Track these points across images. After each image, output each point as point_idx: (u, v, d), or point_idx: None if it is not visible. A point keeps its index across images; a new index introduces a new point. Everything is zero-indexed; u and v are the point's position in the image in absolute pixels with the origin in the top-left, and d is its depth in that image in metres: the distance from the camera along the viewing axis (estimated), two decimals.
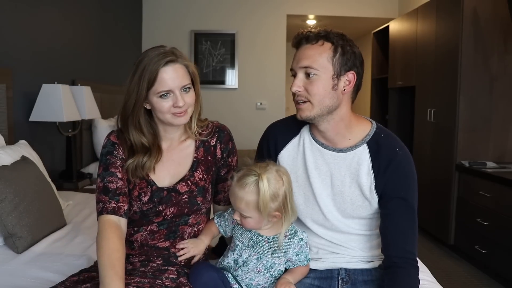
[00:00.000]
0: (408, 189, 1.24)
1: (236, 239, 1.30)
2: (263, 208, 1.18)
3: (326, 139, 1.29)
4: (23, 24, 2.51)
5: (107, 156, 1.28)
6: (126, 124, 1.28)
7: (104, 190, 1.24)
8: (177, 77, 1.21)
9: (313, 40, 1.21)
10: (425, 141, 3.68)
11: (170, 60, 1.20)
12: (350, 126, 1.27)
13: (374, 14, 5.09)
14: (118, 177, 1.25)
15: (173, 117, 1.24)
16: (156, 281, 1.17)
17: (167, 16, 4.98)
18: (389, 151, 1.24)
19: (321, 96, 1.20)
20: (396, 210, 1.23)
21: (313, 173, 1.29)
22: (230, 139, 1.38)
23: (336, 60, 1.20)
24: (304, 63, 1.19)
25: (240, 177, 1.21)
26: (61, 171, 2.85)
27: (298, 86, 1.21)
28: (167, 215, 1.27)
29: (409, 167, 1.25)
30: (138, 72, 1.21)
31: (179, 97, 1.22)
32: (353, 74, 1.23)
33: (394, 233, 1.22)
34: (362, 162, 1.25)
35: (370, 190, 1.25)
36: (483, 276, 2.89)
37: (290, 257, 1.27)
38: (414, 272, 1.22)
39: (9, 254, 1.66)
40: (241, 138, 4.64)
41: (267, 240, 1.26)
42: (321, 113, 1.21)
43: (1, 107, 2.23)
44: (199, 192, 1.29)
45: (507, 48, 3.09)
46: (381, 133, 1.28)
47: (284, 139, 1.35)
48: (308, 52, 1.20)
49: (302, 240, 1.27)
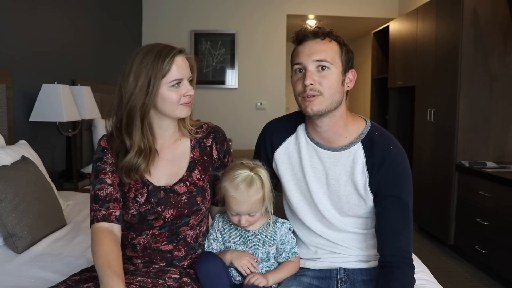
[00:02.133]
0: (402, 187, 1.24)
1: (227, 242, 1.32)
2: (267, 195, 1.25)
3: (323, 138, 1.29)
4: (23, 24, 2.51)
5: (97, 162, 1.29)
6: (128, 127, 1.23)
7: (95, 198, 1.24)
8: (186, 67, 1.26)
9: (321, 36, 1.22)
10: (425, 141, 3.68)
11: (180, 51, 1.24)
12: (346, 123, 1.28)
13: (374, 14, 5.10)
14: (107, 183, 1.25)
15: (182, 108, 1.25)
16: (159, 281, 1.16)
17: (167, 16, 4.98)
18: (383, 149, 1.25)
19: (333, 89, 1.21)
20: (390, 209, 1.23)
21: (309, 171, 1.30)
22: (225, 140, 1.38)
23: (342, 57, 1.23)
24: (318, 56, 1.20)
25: (238, 184, 1.22)
26: (61, 171, 2.86)
27: (312, 79, 1.20)
28: (167, 218, 1.26)
29: (403, 165, 1.26)
30: (141, 69, 1.19)
31: (188, 86, 1.25)
32: (354, 73, 1.27)
33: (388, 232, 1.23)
34: (357, 160, 1.26)
35: (364, 188, 1.25)
36: (483, 276, 2.89)
37: (278, 246, 1.30)
38: (409, 270, 1.22)
39: (9, 254, 1.65)
40: (241, 138, 4.65)
41: (255, 234, 1.29)
42: (331, 107, 1.22)
43: (1, 107, 2.23)
44: (198, 192, 1.29)
45: (507, 48, 3.09)
46: (375, 131, 1.29)
47: (280, 137, 1.36)
48: (320, 46, 1.21)
49: (285, 223, 1.32)
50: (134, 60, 1.22)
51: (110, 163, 1.28)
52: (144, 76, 1.19)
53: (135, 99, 1.20)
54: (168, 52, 1.21)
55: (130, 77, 1.21)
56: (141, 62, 1.20)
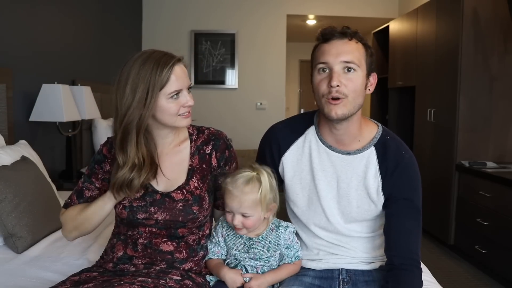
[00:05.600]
0: (414, 191, 1.25)
1: (231, 249, 1.31)
2: (263, 200, 1.21)
3: (337, 141, 1.27)
4: (23, 24, 2.51)
5: (95, 164, 1.32)
6: (122, 142, 1.18)
7: (79, 193, 1.32)
8: (185, 76, 1.21)
9: (349, 36, 1.18)
10: (425, 141, 3.68)
11: (178, 60, 1.20)
12: (361, 127, 1.27)
13: (374, 14, 5.10)
14: (96, 186, 1.32)
15: (180, 119, 1.22)
16: (160, 281, 1.16)
17: (167, 16, 4.98)
18: (396, 154, 1.24)
19: (357, 93, 1.18)
20: (401, 211, 1.23)
21: (319, 175, 1.28)
22: (227, 147, 1.33)
23: (367, 59, 1.20)
24: (346, 57, 1.16)
25: (238, 179, 1.21)
26: (61, 171, 2.86)
27: (339, 80, 1.15)
28: (159, 220, 1.24)
29: (415, 170, 1.26)
30: (139, 81, 1.14)
31: (188, 96, 1.21)
32: (375, 76, 1.24)
33: (399, 234, 1.22)
34: (370, 164, 1.25)
35: (377, 192, 1.25)
36: (483, 276, 2.89)
37: (282, 250, 1.29)
38: (418, 273, 1.21)
39: (9, 254, 1.66)
40: (241, 138, 4.65)
41: (258, 240, 1.27)
42: (353, 111, 1.19)
43: (1, 107, 2.23)
44: (194, 201, 1.26)
45: (507, 48, 3.09)
46: (387, 135, 1.28)
47: (287, 140, 1.33)
48: (348, 47, 1.17)
49: (288, 227, 1.29)
50: (130, 70, 1.16)
51: (105, 171, 1.30)
52: (142, 89, 1.14)
53: (132, 113, 1.15)
54: (166, 61, 1.16)
55: (127, 89, 1.15)
56: (138, 73, 1.15)
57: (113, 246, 1.32)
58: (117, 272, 1.26)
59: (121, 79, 1.17)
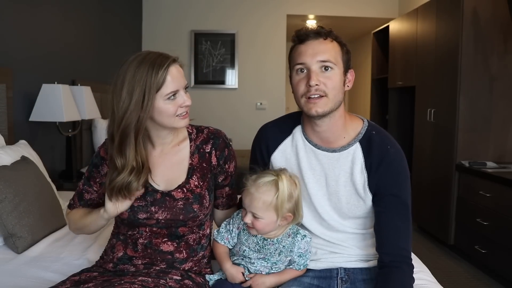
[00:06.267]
0: (400, 186, 1.24)
1: (243, 244, 1.30)
2: (280, 207, 1.20)
3: (321, 139, 1.28)
4: (23, 24, 2.51)
5: (93, 168, 1.34)
6: (121, 145, 1.18)
7: (80, 195, 1.36)
8: (181, 76, 1.21)
9: (323, 36, 1.21)
10: (425, 141, 3.68)
11: (173, 60, 1.19)
12: (345, 124, 1.28)
13: (374, 14, 5.10)
14: (94, 190, 1.34)
15: (178, 120, 1.21)
16: (160, 281, 1.16)
17: (167, 16, 4.98)
18: (381, 148, 1.25)
19: (336, 90, 1.20)
20: (389, 208, 1.23)
21: (308, 173, 1.29)
22: (226, 146, 1.34)
23: (343, 57, 1.22)
24: (323, 56, 1.18)
25: (257, 178, 1.22)
26: (61, 171, 2.86)
27: (317, 79, 1.17)
28: (160, 220, 1.25)
29: (401, 164, 1.26)
30: (135, 83, 1.14)
31: (185, 97, 1.21)
32: (352, 73, 1.27)
33: (388, 230, 1.23)
34: (356, 160, 1.25)
35: (363, 188, 1.25)
36: (483, 276, 2.89)
37: (293, 257, 1.28)
38: (408, 270, 1.21)
39: (9, 254, 1.66)
40: (241, 138, 4.65)
41: (272, 242, 1.27)
42: (334, 108, 1.21)
43: (1, 107, 2.23)
44: (195, 200, 1.27)
45: (507, 48, 3.09)
46: (372, 130, 1.28)
47: (276, 140, 1.34)
48: (323, 46, 1.20)
49: (306, 237, 1.28)
50: (126, 73, 1.15)
51: (103, 174, 1.31)
52: (139, 91, 1.13)
53: (130, 116, 1.15)
54: (161, 62, 1.15)
55: (123, 92, 1.15)
56: (134, 76, 1.14)
57: (113, 246, 1.32)
58: (117, 272, 1.26)
59: (117, 82, 1.17)
